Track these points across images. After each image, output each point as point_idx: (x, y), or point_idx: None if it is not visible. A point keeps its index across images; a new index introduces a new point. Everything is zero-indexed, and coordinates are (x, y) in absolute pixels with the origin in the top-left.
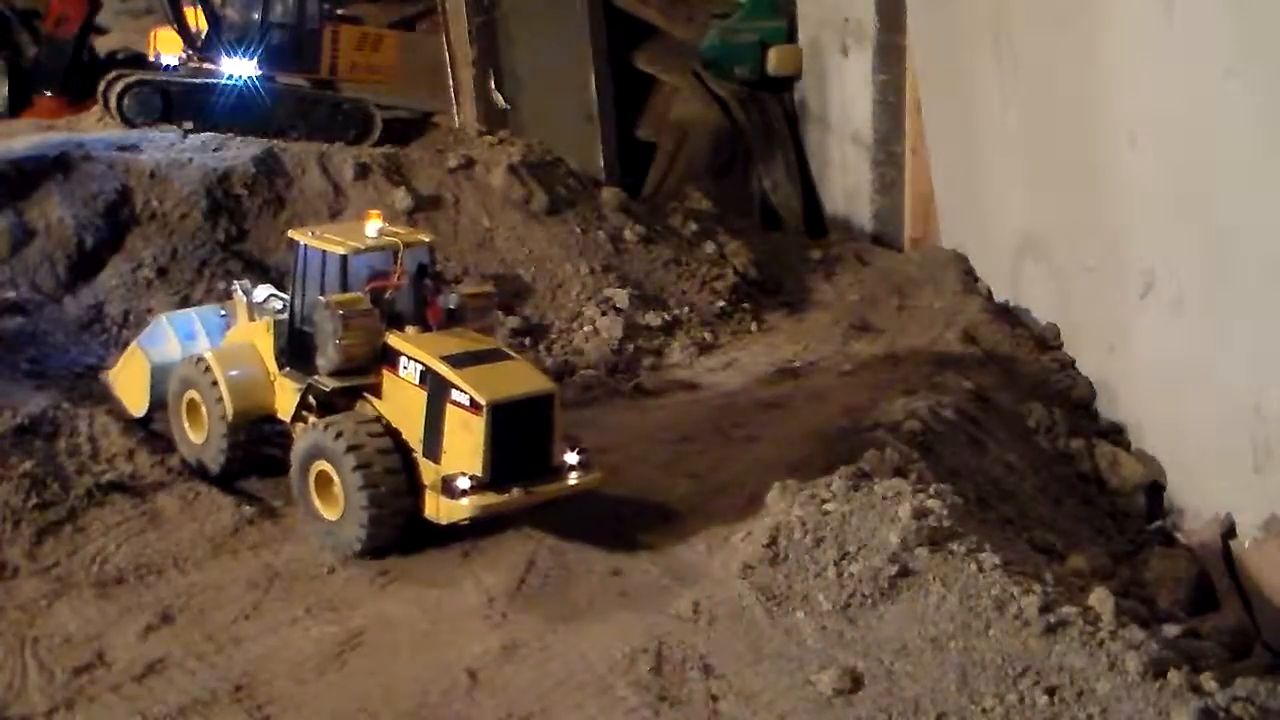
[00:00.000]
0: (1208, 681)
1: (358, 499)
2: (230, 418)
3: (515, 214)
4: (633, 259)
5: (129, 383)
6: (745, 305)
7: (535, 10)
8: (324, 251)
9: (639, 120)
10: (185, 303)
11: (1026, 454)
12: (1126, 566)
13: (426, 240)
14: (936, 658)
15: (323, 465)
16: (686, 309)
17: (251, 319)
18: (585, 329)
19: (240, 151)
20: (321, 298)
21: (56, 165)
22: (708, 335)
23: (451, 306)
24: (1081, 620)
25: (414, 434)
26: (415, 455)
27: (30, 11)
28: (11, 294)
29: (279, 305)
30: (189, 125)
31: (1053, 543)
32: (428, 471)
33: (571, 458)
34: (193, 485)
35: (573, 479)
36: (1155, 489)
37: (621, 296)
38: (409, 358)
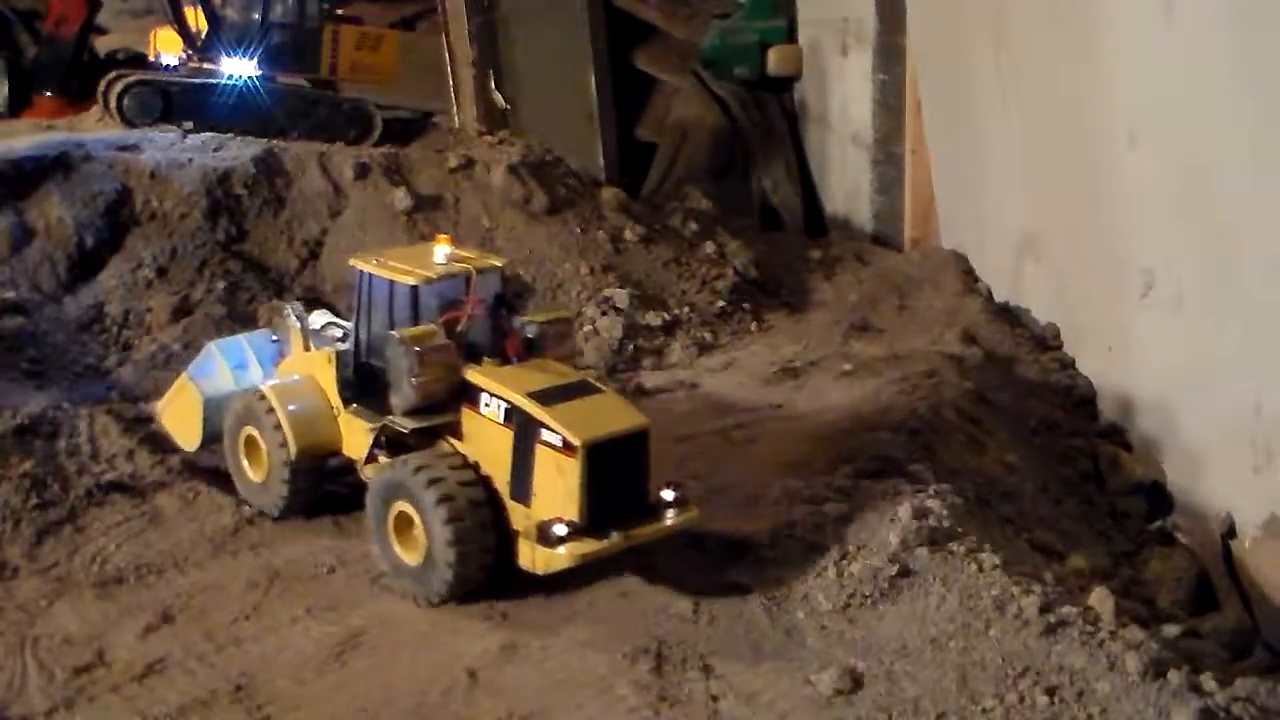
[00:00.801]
0: (1208, 681)
1: (443, 543)
2: (293, 456)
3: (515, 214)
4: (633, 259)
5: (179, 416)
6: (745, 305)
7: (535, 10)
8: (392, 282)
9: (639, 120)
10: (185, 302)
11: (1026, 454)
12: (1126, 566)
13: (499, 265)
14: (936, 658)
15: (403, 506)
16: (686, 309)
17: (308, 348)
18: (585, 329)
19: (240, 151)
20: (394, 332)
21: (56, 165)
22: (708, 335)
23: (530, 335)
24: (1081, 620)
25: (500, 475)
26: (501, 497)
27: (30, 11)
28: (11, 294)
29: (338, 333)
30: (189, 125)
31: (1053, 543)
32: (517, 516)
33: (667, 494)
34: (193, 485)
35: (670, 518)
36: (1155, 489)
37: (621, 296)
38: (491, 394)
